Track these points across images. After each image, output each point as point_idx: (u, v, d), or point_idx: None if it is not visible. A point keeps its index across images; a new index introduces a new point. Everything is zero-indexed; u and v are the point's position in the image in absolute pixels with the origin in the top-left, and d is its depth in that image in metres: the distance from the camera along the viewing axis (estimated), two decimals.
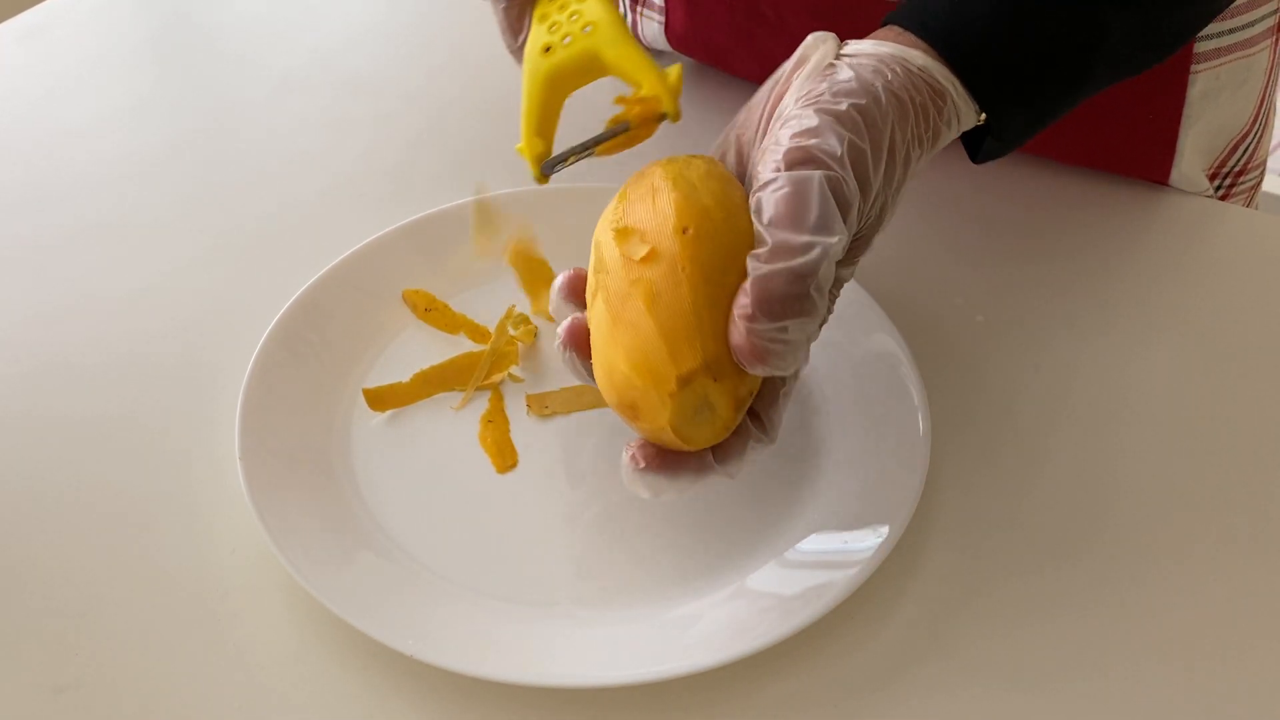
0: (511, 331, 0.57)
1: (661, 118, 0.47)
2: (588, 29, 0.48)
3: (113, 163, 0.70)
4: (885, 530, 0.47)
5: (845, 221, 0.40)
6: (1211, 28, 0.60)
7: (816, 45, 0.45)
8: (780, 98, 0.45)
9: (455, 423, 0.54)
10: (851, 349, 0.55)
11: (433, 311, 0.58)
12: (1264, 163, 0.70)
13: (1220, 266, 0.61)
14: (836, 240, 0.39)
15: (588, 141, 0.48)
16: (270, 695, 0.45)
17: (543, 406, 0.54)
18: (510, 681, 0.44)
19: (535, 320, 0.58)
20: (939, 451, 0.52)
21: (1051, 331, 0.58)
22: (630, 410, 0.42)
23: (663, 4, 0.71)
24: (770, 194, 0.40)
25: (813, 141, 0.41)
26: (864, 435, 0.52)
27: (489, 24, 0.53)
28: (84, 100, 0.75)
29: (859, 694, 0.45)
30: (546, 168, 0.48)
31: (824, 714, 0.45)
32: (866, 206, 0.42)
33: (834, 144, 0.40)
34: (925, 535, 0.49)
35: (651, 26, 0.72)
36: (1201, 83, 0.62)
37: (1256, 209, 0.71)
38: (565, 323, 0.45)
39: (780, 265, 0.39)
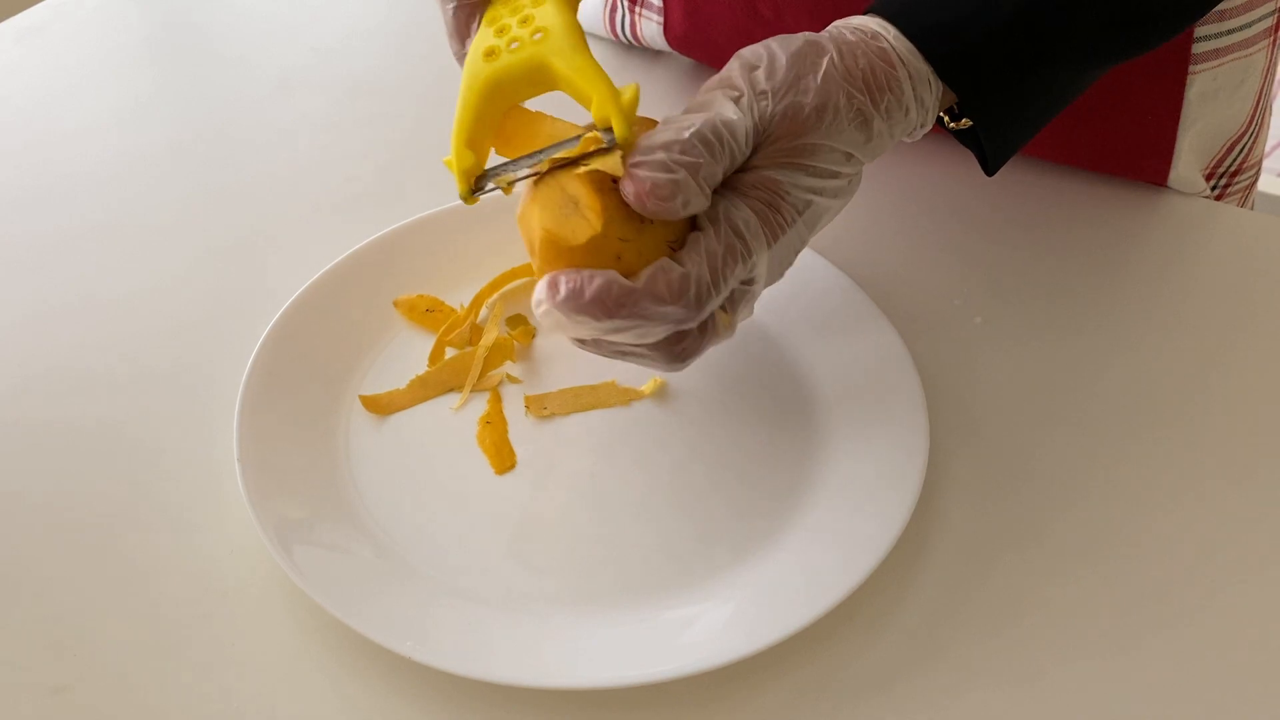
0: (507, 332, 0.58)
1: (609, 149, 0.41)
2: (538, 35, 0.43)
3: (110, 163, 0.70)
4: (884, 531, 0.47)
5: (740, 106, 0.43)
6: (1209, 28, 0.61)
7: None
8: None
9: (453, 424, 0.54)
10: (851, 350, 0.55)
11: (434, 313, 0.58)
12: (1259, 162, 0.70)
13: (1218, 267, 0.61)
14: (719, 112, 0.42)
15: (526, 160, 0.43)
16: (268, 696, 0.45)
17: (541, 408, 0.54)
18: (508, 683, 0.44)
19: (533, 322, 0.58)
20: (938, 452, 0.52)
21: (1050, 332, 0.58)
22: (531, 251, 0.44)
23: (661, 4, 0.71)
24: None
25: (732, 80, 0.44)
26: (863, 436, 0.52)
27: None
28: (81, 100, 0.75)
29: (858, 695, 0.45)
30: (476, 185, 0.44)
31: (823, 715, 0.45)
32: (778, 85, 0.44)
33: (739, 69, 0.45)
34: (924, 536, 0.49)
35: (650, 26, 0.72)
36: (1199, 84, 0.62)
37: (1252, 208, 0.71)
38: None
39: (667, 128, 0.42)
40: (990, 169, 0.50)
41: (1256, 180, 0.71)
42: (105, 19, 0.83)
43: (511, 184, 0.44)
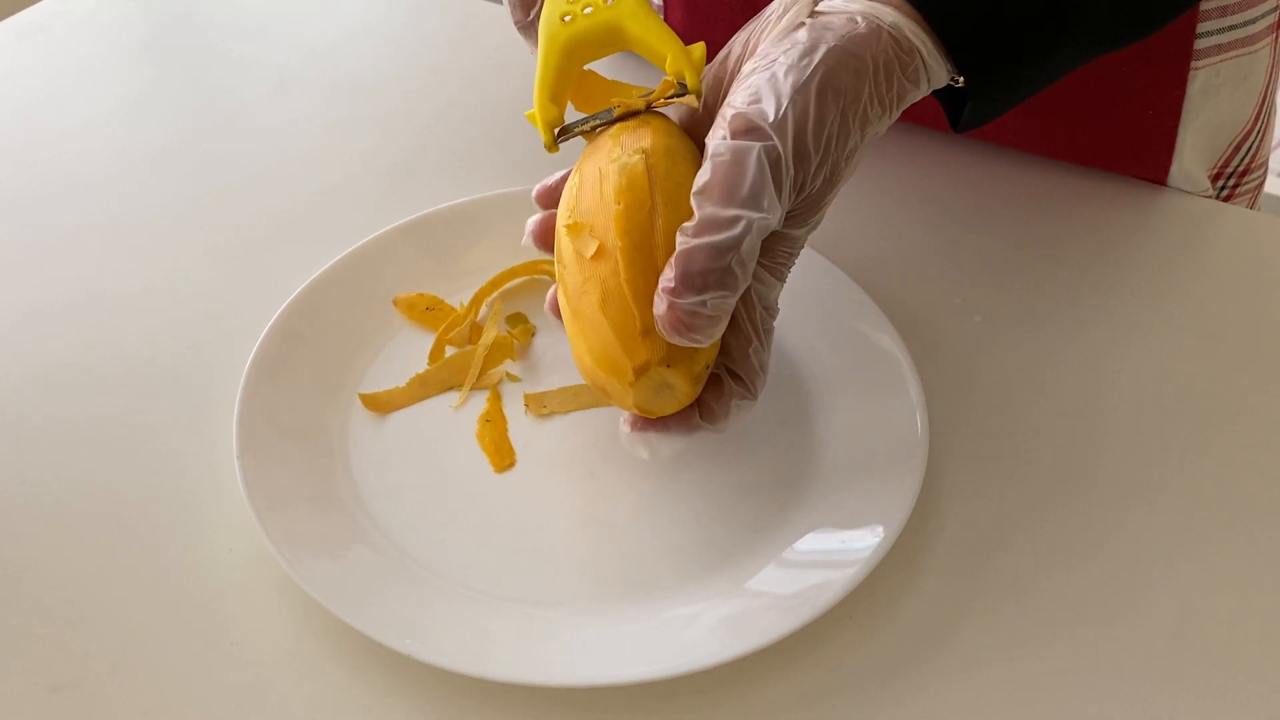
0: (507, 330, 0.57)
1: (683, 94, 0.46)
2: (610, 1, 0.47)
3: (110, 162, 0.70)
4: (883, 530, 0.47)
5: (780, 194, 0.41)
6: (1211, 24, 0.60)
7: (793, 3, 0.45)
8: (755, 48, 0.45)
9: (453, 422, 0.54)
10: (850, 349, 0.55)
11: (434, 311, 0.58)
12: (1266, 162, 0.70)
13: (1220, 267, 0.61)
14: (764, 216, 0.40)
15: (604, 114, 0.47)
16: (268, 694, 0.45)
17: (541, 406, 0.54)
18: (508, 681, 0.44)
19: (533, 320, 0.58)
20: (937, 451, 0.52)
21: (1050, 331, 0.58)
22: (602, 392, 0.45)
23: (662, 3, 0.71)
24: (708, 163, 0.41)
25: (755, 108, 0.41)
26: (862, 435, 0.52)
27: (487, 23, 0.53)
28: (81, 99, 0.75)
29: (857, 694, 0.45)
30: (559, 135, 0.47)
31: (823, 713, 0.44)
32: (810, 171, 0.42)
33: (772, 111, 0.41)
34: (923, 535, 0.49)
35: None
36: (1201, 79, 0.62)
37: (1259, 210, 0.71)
38: (550, 293, 0.49)
39: (704, 240, 0.40)
40: (960, 129, 0.49)
41: (1264, 181, 0.71)
42: (105, 18, 0.83)
43: (592, 130, 0.48)
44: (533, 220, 0.50)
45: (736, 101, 0.42)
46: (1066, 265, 0.61)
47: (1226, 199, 0.68)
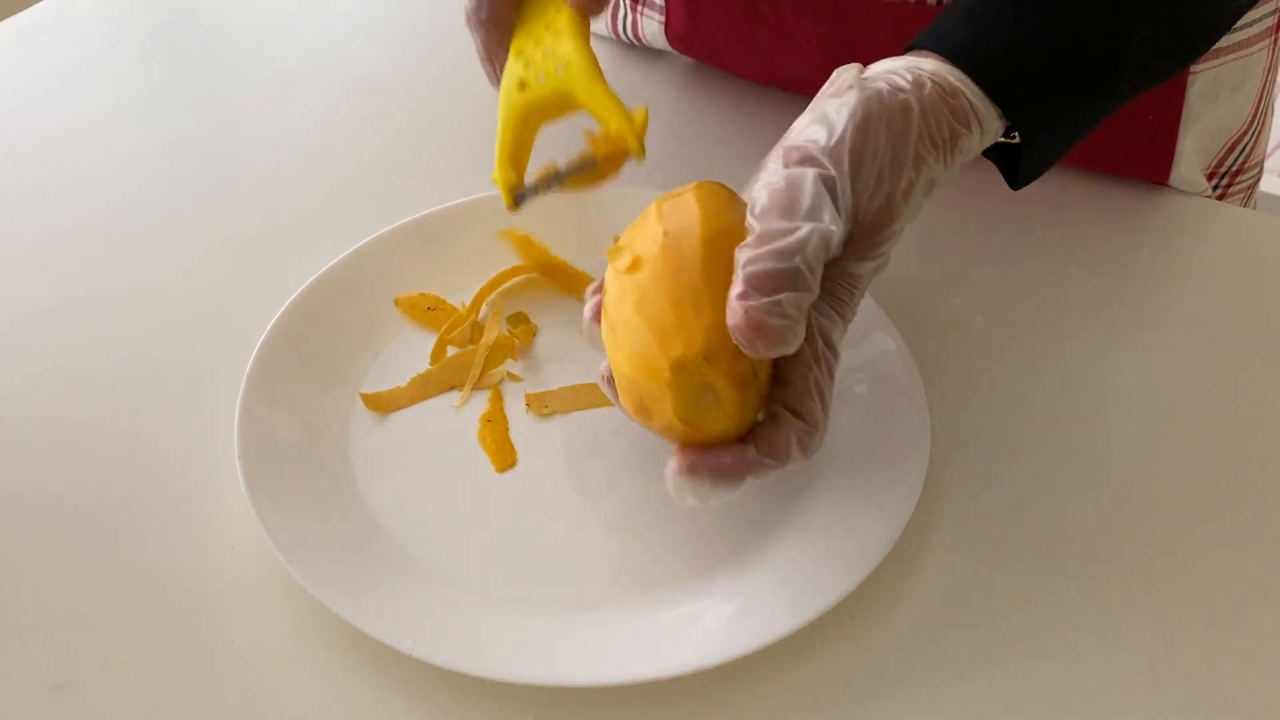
0: (508, 330, 0.58)
1: (626, 156, 0.49)
2: (561, 69, 0.50)
3: (110, 162, 0.70)
4: (884, 530, 0.47)
5: (840, 212, 0.41)
6: None
7: (839, 75, 0.45)
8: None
9: (454, 421, 0.54)
10: (851, 349, 0.55)
11: (435, 311, 0.58)
12: (1261, 162, 0.70)
13: (1219, 267, 0.61)
14: (826, 226, 0.40)
15: (557, 175, 0.51)
16: (268, 693, 0.45)
17: (542, 406, 0.54)
18: (509, 680, 0.44)
19: (534, 320, 0.58)
20: (938, 451, 0.52)
21: (1051, 331, 0.58)
22: (644, 413, 0.43)
23: (663, 3, 0.71)
24: (763, 187, 0.42)
25: (806, 138, 0.42)
26: (863, 434, 0.52)
27: None
28: (82, 99, 0.75)
29: (858, 693, 0.45)
30: (518, 198, 0.51)
31: (823, 713, 0.45)
32: (865, 199, 0.42)
33: (827, 141, 0.42)
34: (925, 535, 0.49)
35: (651, 26, 0.72)
36: (1200, 83, 0.62)
37: (1254, 208, 0.71)
38: (589, 305, 0.47)
39: (768, 246, 0.40)
40: (1018, 186, 0.49)
41: (1259, 180, 0.71)
42: (106, 18, 0.83)
43: (548, 190, 0.51)
44: (588, 307, 0.48)
45: (788, 139, 0.43)
46: (1067, 265, 0.61)
47: (1220, 198, 0.68)
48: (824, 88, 0.45)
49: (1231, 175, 0.68)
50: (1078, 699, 0.45)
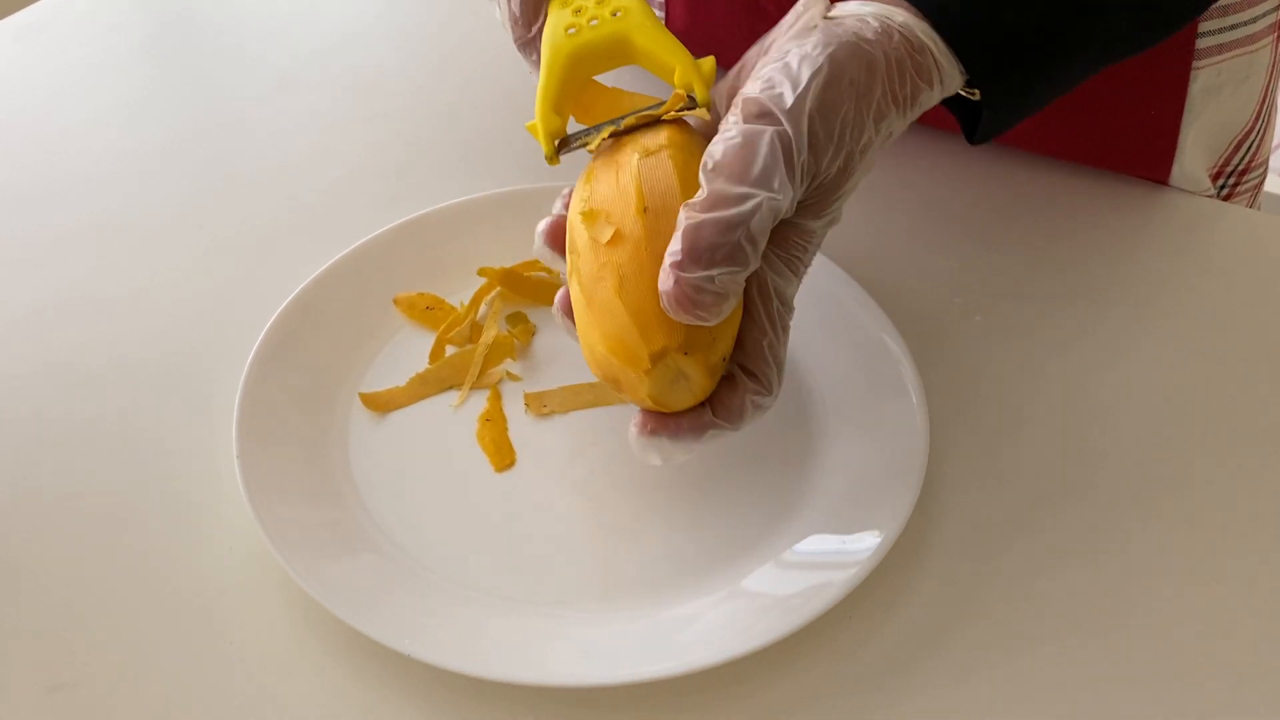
0: (507, 329, 0.57)
1: (693, 108, 0.46)
2: (617, 14, 0.47)
3: (110, 161, 0.70)
4: (883, 530, 0.47)
5: (793, 177, 0.41)
6: (1212, 23, 0.60)
7: (807, 7, 0.45)
8: (767, 54, 0.45)
9: (453, 421, 0.54)
10: (851, 348, 0.55)
11: (434, 311, 0.58)
12: (1266, 161, 0.70)
13: (1221, 266, 0.61)
14: (774, 195, 0.40)
15: (609, 124, 0.46)
16: (267, 694, 0.45)
17: (541, 405, 0.54)
18: (507, 681, 0.44)
19: (533, 319, 0.58)
20: (938, 451, 0.52)
21: (1051, 331, 0.58)
22: (614, 384, 0.44)
23: (663, 1, 0.70)
24: (719, 144, 0.41)
25: (768, 94, 0.41)
26: (863, 435, 0.52)
27: (488, 22, 0.53)
28: (81, 98, 0.75)
29: (857, 694, 0.45)
30: (560, 145, 0.46)
31: (822, 713, 0.44)
32: (824, 160, 0.42)
33: (789, 98, 0.41)
34: (924, 535, 0.49)
35: None
36: (1203, 79, 0.62)
37: (1259, 209, 0.71)
38: (559, 294, 0.48)
39: (712, 215, 0.40)
40: (975, 141, 0.49)
41: (1264, 179, 0.71)
42: (105, 16, 0.83)
43: (597, 142, 0.46)
44: (544, 222, 0.48)
45: (749, 90, 0.42)
46: (1068, 265, 0.61)
47: (1226, 198, 0.68)
48: (786, 20, 0.45)
49: (1238, 174, 0.68)
50: (1078, 699, 0.45)
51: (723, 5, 0.67)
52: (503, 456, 0.52)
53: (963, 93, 0.47)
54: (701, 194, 0.40)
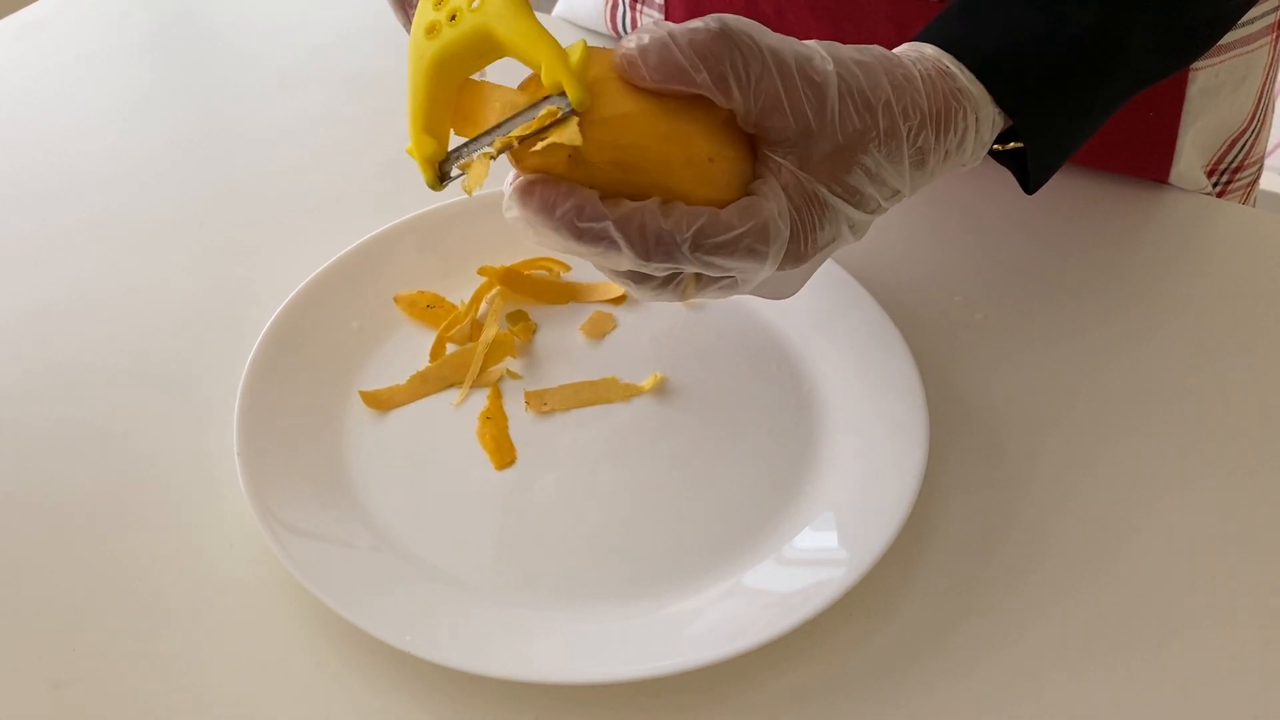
0: (508, 327, 0.57)
1: (571, 113, 0.39)
2: (476, 3, 0.40)
3: (110, 160, 0.70)
4: (883, 528, 0.47)
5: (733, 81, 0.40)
6: None
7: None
8: None
9: (454, 419, 0.54)
10: (852, 346, 0.55)
11: (435, 309, 0.58)
12: (1261, 159, 0.70)
13: (1219, 264, 0.61)
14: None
15: (485, 138, 0.40)
16: (269, 691, 0.45)
17: (541, 403, 0.54)
18: (507, 678, 0.44)
19: (533, 317, 0.58)
20: (938, 449, 0.52)
21: (1051, 329, 0.58)
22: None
23: (662, 1, 0.71)
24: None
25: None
26: (863, 433, 0.52)
27: None
28: (81, 97, 0.75)
29: (856, 690, 0.45)
30: (442, 170, 0.41)
31: (822, 710, 0.44)
32: (821, 69, 0.41)
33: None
34: (923, 533, 0.49)
35: None
36: (1201, 80, 0.62)
37: (1254, 206, 0.71)
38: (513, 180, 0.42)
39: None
40: (1032, 189, 0.49)
41: (1259, 177, 0.71)
42: (105, 15, 0.83)
43: (481, 159, 0.41)
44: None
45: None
46: (1067, 263, 0.61)
47: (1220, 194, 0.68)
48: None
49: (1231, 172, 0.68)
50: (1077, 697, 0.45)
51: (722, 7, 0.68)
52: (503, 454, 0.53)
53: (996, 148, 0.47)
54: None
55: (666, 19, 0.70)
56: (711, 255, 0.40)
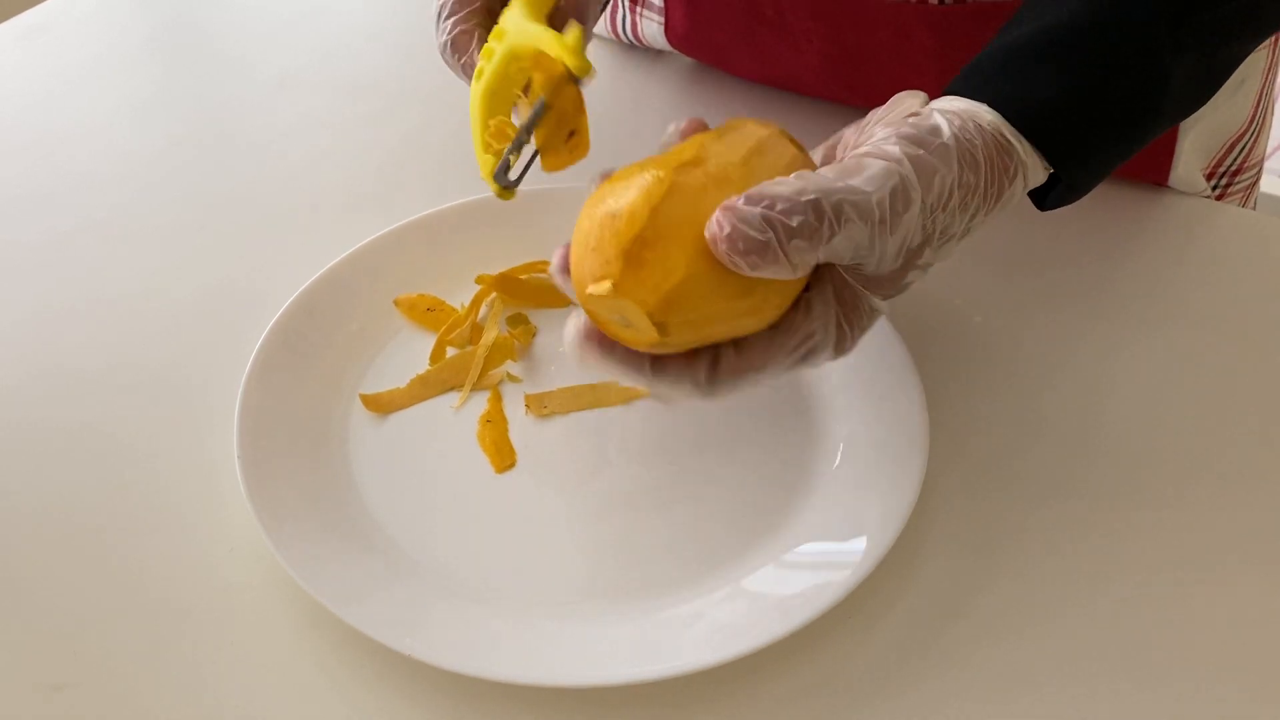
0: (507, 330, 0.58)
1: (571, 78, 0.46)
2: (498, 42, 0.49)
3: (110, 163, 0.70)
4: (883, 531, 0.47)
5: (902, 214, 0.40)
6: None
7: (904, 98, 0.45)
8: (867, 132, 0.45)
9: (454, 422, 0.54)
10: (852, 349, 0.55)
11: (435, 312, 0.58)
12: (1260, 162, 0.70)
13: (1218, 267, 0.61)
14: (864, 190, 0.39)
15: (518, 132, 0.48)
16: (269, 694, 0.45)
17: (541, 406, 0.54)
18: (508, 681, 0.44)
19: (533, 320, 0.58)
20: (937, 451, 0.52)
21: (1050, 332, 0.58)
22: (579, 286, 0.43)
23: (662, 4, 0.71)
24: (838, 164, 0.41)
25: (883, 149, 0.41)
26: (863, 435, 0.52)
27: None
28: (82, 100, 0.75)
29: (857, 693, 0.45)
30: (500, 178, 0.48)
31: (822, 713, 0.45)
32: (908, 217, 0.42)
33: (899, 153, 0.41)
34: (923, 536, 0.49)
35: (651, 26, 0.72)
36: None
37: (1253, 209, 0.71)
38: (557, 253, 0.45)
39: (792, 184, 0.39)
40: (1046, 208, 0.49)
41: (1258, 180, 0.71)
42: (106, 19, 0.83)
43: (520, 164, 0.49)
44: (557, 252, 0.45)
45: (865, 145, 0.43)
46: (1066, 265, 0.61)
47: (1219, 198, 0.68)
48: (883, 108, 0.45)
49: (1230, 175, 0.68)
50: (1077, 697, 0.45)
51: (723, 9, 0.68)
52: (503, 457, 0.53)
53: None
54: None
55: (666, 22, 0.71)
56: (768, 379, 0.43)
